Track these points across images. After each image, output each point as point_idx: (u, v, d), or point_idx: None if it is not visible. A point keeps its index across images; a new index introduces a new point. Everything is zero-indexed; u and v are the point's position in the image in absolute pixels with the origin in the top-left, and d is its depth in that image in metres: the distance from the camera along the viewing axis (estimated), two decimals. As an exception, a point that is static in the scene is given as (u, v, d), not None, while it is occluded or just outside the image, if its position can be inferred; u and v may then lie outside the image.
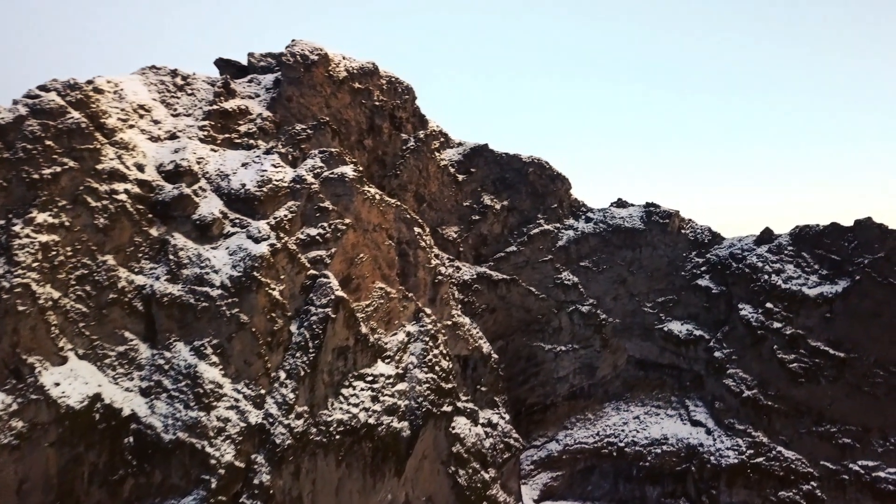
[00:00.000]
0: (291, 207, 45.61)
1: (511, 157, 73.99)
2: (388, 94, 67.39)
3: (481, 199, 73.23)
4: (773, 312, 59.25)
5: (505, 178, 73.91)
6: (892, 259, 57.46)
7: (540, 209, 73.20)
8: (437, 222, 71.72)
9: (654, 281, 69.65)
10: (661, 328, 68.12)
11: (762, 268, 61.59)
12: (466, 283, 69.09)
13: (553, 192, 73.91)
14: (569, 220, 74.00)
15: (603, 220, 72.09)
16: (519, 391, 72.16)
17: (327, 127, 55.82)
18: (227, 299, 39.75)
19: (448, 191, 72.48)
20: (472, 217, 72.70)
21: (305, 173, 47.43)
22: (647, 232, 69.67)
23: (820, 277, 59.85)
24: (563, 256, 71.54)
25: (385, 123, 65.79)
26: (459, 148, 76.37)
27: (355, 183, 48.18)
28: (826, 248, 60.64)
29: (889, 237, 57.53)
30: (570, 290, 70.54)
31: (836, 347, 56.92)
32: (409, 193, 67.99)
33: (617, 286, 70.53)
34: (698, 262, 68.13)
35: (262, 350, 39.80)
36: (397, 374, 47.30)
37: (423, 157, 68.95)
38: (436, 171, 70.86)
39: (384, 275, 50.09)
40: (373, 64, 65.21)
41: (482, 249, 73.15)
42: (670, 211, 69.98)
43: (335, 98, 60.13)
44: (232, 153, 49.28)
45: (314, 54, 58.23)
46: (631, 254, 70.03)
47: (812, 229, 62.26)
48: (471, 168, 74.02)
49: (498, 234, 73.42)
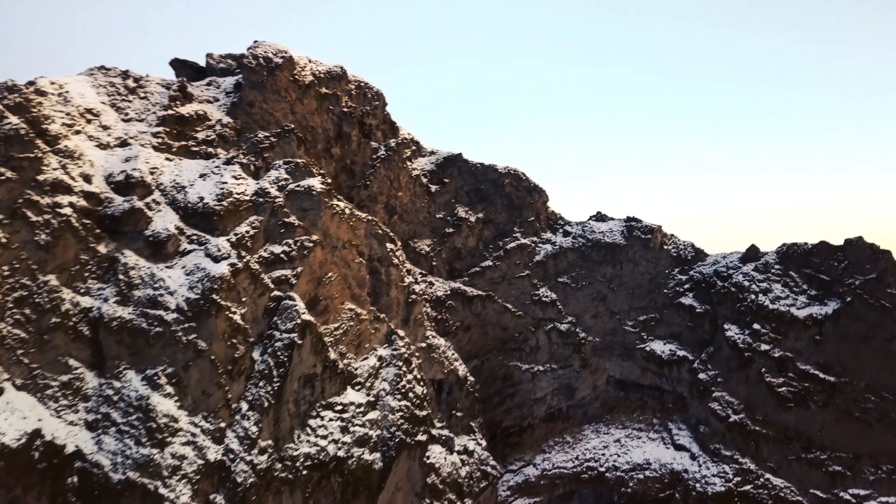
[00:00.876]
0: (254, 223, 44.25)
1: (486, 167, 73.70)
2: (357, 100, 66.49)
3: (455, 211, 72.69)
4: (760, 334, 59.84)
5: (480, 190, 73.55)
6: (884, 280, 58.28)
7: (516, 222, 72.99)
8: (409, 235, 70.94)
9: (635, 298, 69.92)
10: (643, 348, 68.36)
11: (748, 287, 62.24)
12: (440, 299, 68.39)
13: (530, 204, 73.81)
14: (546, 233, 73.95)
15: (582, 234, 72.22)
16: (494, 413, 71.60)
17: (292, 135, 54.63)
18: (184, 324, 38.11)
19: (420, 202, 71.76)
20: (446, 230, 72.09)
21: (269, 186, 46.14)
22: (628, 247, 69.98)
23: (809, 298, 60.59)
24: (540, 272, 71.35)
25: (354, 131, 64.82)
26: (432, 157, 75.80)
27: (323, 196, 47.05)
28: (815, 268, 61.42)
29: (881, 258, 58.48)
30: (548, 307, 70.33)
31: (826, 371, 57.59)
32: (380, 205, 67.06)
33: (597, 303, 70.59)
34: (681, 280, 68.60)
35: (222, 379, 38.25)
36: (368, 401, 46.13)
37: (395, 166, 68.12)
38: (407, 181, 70.10)
39: (354, 295, 48.99)
40: (341, 68, 64.26)
41: (456, 264, 72.56)
42: (652, 226, 70.47)
43: (300, 104, 58.97)
44: (189, 163, 47.67)
45: (278, 57, 57.05)
46: (611, 270, 70.20)
47: (800, 248, 62.99)
48: (444, 178, 73.45)
49: (473, 248, 72.91)
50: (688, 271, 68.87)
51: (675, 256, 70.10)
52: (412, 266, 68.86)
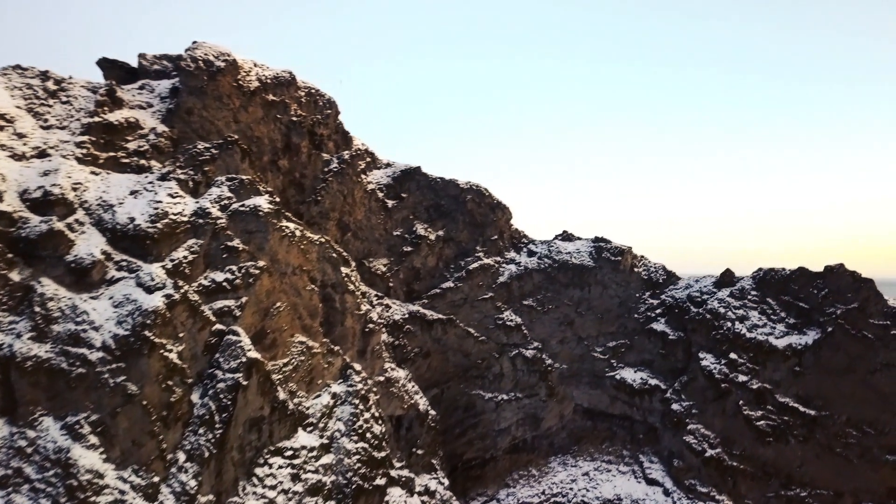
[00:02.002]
0: (192, 247, 41.67)
1: (446, 182, 72.46)
2: (308, 108, 64.43)
3: (413, 229, 71.16)
4: (737, 364, 60.04)
5: (440, 206, 72.20)
6: (866, 310, 58.94)
7: (479, 241, 71.87)
8: (364, 254, 69.10)
9: (604, 323, 69.57)
10: (613, 376, 68.04)
11: (724, 314, 62.51)
12: (397, 323, 66.73)
13: (493, 222, 72.87)
14: (510, 253, 73.07)
15: (548, 254, 71.61)
16: (455, 445, 70.16)
17: (236, 146, 52.15)
18: (111, 364, 35.28)
19: (376, 218, 69.97)
20: (404, 248, 70.50)
21: (210, 205, 43.63)
22: (597, 269, 69.66)
23: (787, 327, 61.04)
24: (504, 294, 70.34)
25: (303, 142, 62.69)
26: (388, 170, 74.16)
27: (271, 217, 44.80)
28: (793, 295, 61.90)
29: (863, 286, 59.25)
30: (513, 331, 69.33)
31: (805, 404, 57.99)
32: (332, 222, 65.07)
33: (564, 328, 69.98)
34: (653, 304, 68.61)
35: (156, 427, 35.52)
36: (322, 444, 43.92)
37: (348, 180, 66.20)
38: (362, 196, 68.26)
39: (305, 326, 46.79)
40: (289, 73, 62.15)
41: (415, 285, 70.96)
42: (622, 247, 70.45)
43: (245, 112, 56.62)
44: (118, 177, 44.73)
45: (220, 60, 54.63)
46: (579, 293, 69.70)
47: (777, 274, 63.47)
48: (401, 193, 71.88)
49: (432, 268, 71.43)
50: (659, 295, 68.91)
51: (645, 279, 70.12)
52: (367, 288, 66.97)
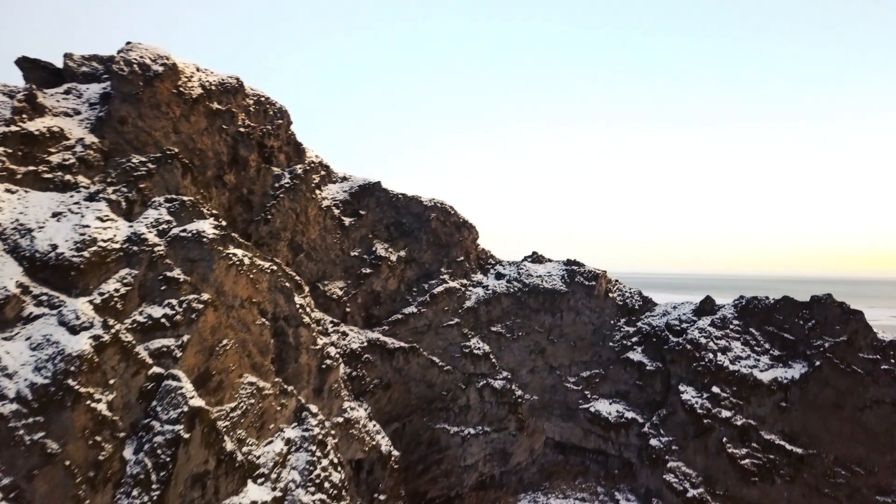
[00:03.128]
0: (125, 279, 38.15)
1: (409, 199, 70.00)
2: (257, 118, 61.21)
3: (373, 249, 68.42)
4: (720, 398, 59.04)
5: (401, 224, 69.63)
6: (855, 343, 58.74)
7: (443, 262, 69.53)
8: (318, 276, 66.10)
9: (577, 352, 68.01)
10: (587, 408, 66.46)
11: (705, 344, 61.53)
12: (355, 352, 63.93)
13: (459, 242, 70.67)
14: (477, 275, 70.95)
15: (517, 277, 69.75)
16: (418, 483, 67.47)
17: (176, 160, 48.73)
18: (27, 418, 31.63)
19: (331, 238, 67.01)
20: (362, 270, 67.69)
21: (146, 230, 40.20)
22: (570, 294, 68.10)
23: (772, 359, 60.42)
24: (471, 319, 68.12)
25: (252, 154, 59.43)
26: (345, 184, 71.31)
27: (216, 244, 41.55)
28: (777, 325, 61.35)
29: (852, 318, 59.07)
30: (481, 360, 67.12)
31: (792, 442, 57.29)
32: (283, 243, 61.93)
33: (534, 357, 68.11)
34: (628, 332, 67.38)
35: (81, 491, 31.96)
36: (275, 498, 40.73)
37: (301, 196, 63.12)
38: (316, 213, 65.25)
39: (255, 364, 43.59)
40: (236, 79, 58.90)
41: (374, 310, 68.17)
42: (596, 271, 69.11)
43: (186, 122, 53.14)
44: (38, 196, 40.94)
45: (158, 63, 51.11)
46: (550, 319, 68.00)
47: (761, 302, 62.98)
48: (359, 210, 69.13)
49: (393, 292, 68.74)
50: (635, 322, 67.73)
51: (620, 305, 68.90)
52: (322, 314, 64.01)
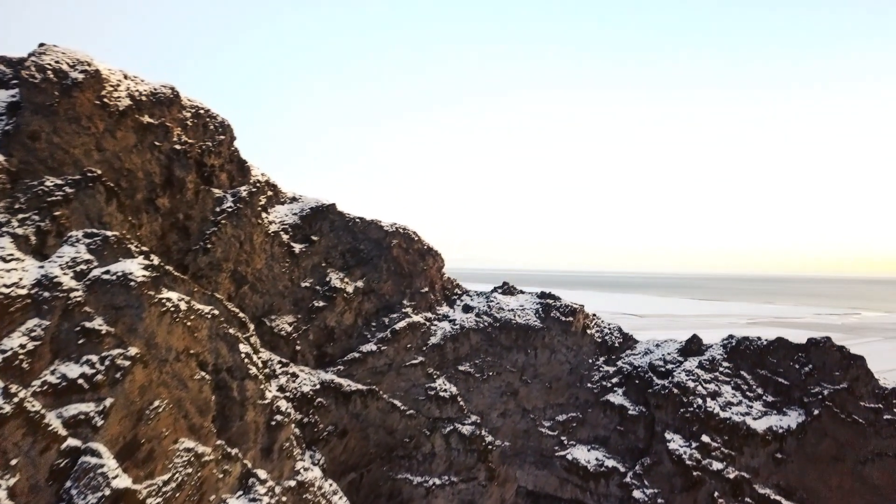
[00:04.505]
0: (34, 332, 32.89)
1: (367, 223, 65.71)
2: (195, 133, 56.27)
3: (327, 279, 63.92)
4: (710, 448, 56.47)
5: (359, 251, 65.30)
6: (855, 391, 57.21)
7: (406, 293, 65.40)
8: (265, 310, 61.31)
9: (552, 393, 64.72)
10: (563, 455, 63.12)
11: (693, 388, 58.99)
12: (306, 396, 59.44)
13: (422, 271, 66.69)
14: (442, 307, 67.02)
15: (487, 310, 66.05)
16: (375, 541, 62.69)
17: (99, 183, 43.63)
18: None
19: (280, 267, 62.21)
20: (314, 303, 63.12)
21: (61, 272, 34.98)
22: (545, 331, 64.85)
23: (765, 405, 58.51)
24: (436, 358, 64.14)
25: (189, 175, 54.40)
26: (295, 205, 66.59)
27: (147, 288, 36.50)
28: (771, 369, 59.72)
29: (852, 364, 57.75)
30: (447, 403, 63.17)
31: (788, 497, 55.33)
32: (224, 274, 56.97)
33: (506, 399, 64.52)
34: (608, 372, 64.50)
35: None
36: (213, 592, 35.60)
37: (246, 222, 58.25)
38: (263, 240, 60.41)
39: (193, 426, 38.55)
40: (171, 89, 53.86)
41: (328, 347, 63.64)
42: (574, 306, 66.03)
43: (112, 137, 47.93)
44: (-74, 231, 35.22)
45: (77, 70, 45.85)
46: (524, 357, 64.55)
47: (753, 343, 61.36)
48: (311, 235, 64.55)
49: (350, 327, 64.29)
50: (615, 361, 64.92)
51: (599, 342, 66.07)
52: (269, 353, 59.17)
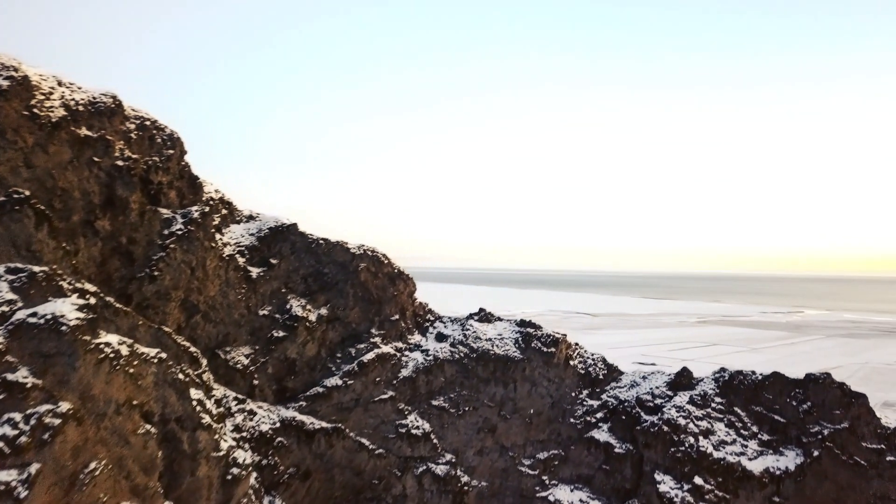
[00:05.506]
0: (-57, 389, 28.42)
1: (332, 245, 62.11)
2: (140, 147, 52.25)
3: (287, 306, 60.20)
4: (704, 491, 54.48)
5: (323, 275, 61.70)
6: (857, 431, 55.84)
7: (374, 321, 62.02)
8: (219, 341, 57.47)
9: (533, 429, 62.07)
10: (544, 496, 60.36)
11: (685, 426, 56.93)
12: (265, 436, 55.88)
13: (393, 297, 63.34)
14: (414, 336, 63.77)
15: (463, 340, 62.95)
16: (341, 593, 58.86)
17: (27, 206, 39.49)
18: None
19: (235, 294, 58.28)
20: (273, 333, 59.44)
21: (-22, 315, 30.53)
22: (525, 362, 62.20)
23: (761, 444, 57.01)
24: (408, 392, 60.91)
25: (133, 194, 50.33)
26: (252, 225, 62.68)
27: (82, 332, 32.36)
28: (766, 406, 58.38)
29: (854, 402, 56.57)
30: (420, 441, 60.01)
31: (786, 543, 53.31)
32: (174, 303, 52.88)
33: (483, 436, 61.57)
34: (592, 406, 62.13)
35: None
36: None
37: (197, 245, 54.19)
38: (217, 265, 56.43)
39: (137, 487, 34.43)
40: (113, 98, 49.84)
41: (289, 381, 59.92)
42: (556, 335, 63.39)
43: (43, 153, 43.80)
44: None
45: (1, 76, 41.69)
46: (502, 391, 61.82)
47: (746, 378, 59.95)
48: (270, 258, 60.77)
49: (312, 359, 60.65)
50: (600, 395, 62.64)
51: (582, 374, 63.75)
52: (223, 389, 55.14)
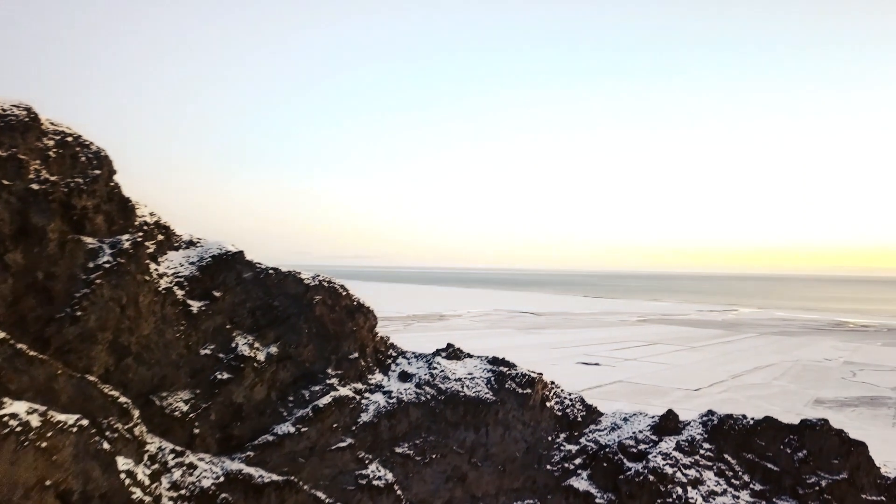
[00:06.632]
0: None
1: (283, 275, 57.30)
2: (60, 168, 47.12)
3: (232, 344, 55.44)
4: (694, 548, 51.17)
5: (272, 308, 56.96)
6: (856, 482, 53.55)
7: (331, 360, 57.50)
8: (153, 386, 52.39)
9: (506, 477, 58.41)
10: (521, 552, 56.35)
11: (672, 475, 53.78)
12: (207, 492, 51.34)
13: (351, 332, 58.83)
14: (375, 375, 59.33)
15: (429, 380, 58.77)
16: None
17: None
18: None
19: (172, 331, 53.22)
20: (217, 374, 54.60)
21: None
22: (498, 405, 58.36)
23: (753, 495, 54.45)
24: (368, 439, 56.56)
25: (52, 222, 45.17)
26: (192, 252, 57.55)
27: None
28: (758, 453, 55.76)
29: (853, 451, 54.29)
30: (382, 493, 55.82)
31: None
32: (100, 346, 47.57)
33: (452, 485, 57.68)
34: (570, 452, 58.69)
35: None
36: None
37: (129, 279, 48.96)
38: (151, 300, 51.23)
39: None
40: (27, 110, 44.88)
41: (234, 429, 54.99)
42: (531, 375, 59.67)
43: (-57, 178, 38.06)
44: None
45: None
46: (473, 436, 57.95)
47: (737, 423, 57.18)
48: (213, 290, 55.81)
49: (261, 403, 55.80)
50: (578, 438, 59.27)
51: (559, 416, 60.30)
52: (158, 441, 50.08)
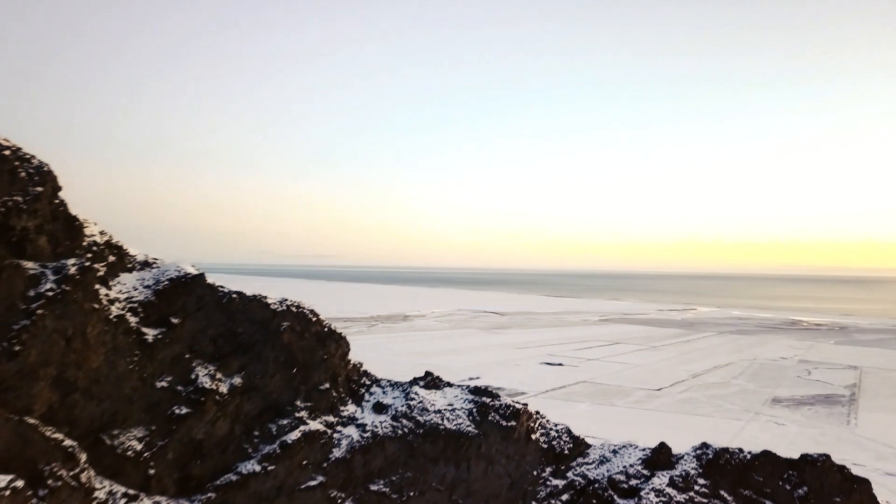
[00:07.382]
0: None
1: (248, 300, 53.65)
2: (0, 185, 42.78)
3: (192, 375, 51.73)
4: None
5: (236, 335, 53.30)
6: None
7: (300, 391, 53.92)
8: (103, 423, 48.63)
9: (490, 515, 54.95)
10: None
11: None
12: None
13: (322, 361, 55.33)
14: (348, 406, 55.91)
15: (406, 412, 55.46)
16: None
17: None
18: None
19: (125, 363, 49.42)
20: (175, 409, 50.74)
21: None
22: (481, 438, 55.19)
23: None
24: (341, 476, 53.11)
25: (-11, 246, 40.89)
26: (147, 274, 53.72)
27: None
28: (756, 489, 52.96)
29: (856, 489, 51.52)
30: (354, 536, 52.01)
31: None
32: (43, 383, 43.65)
33: (432, 525, 54.17)
34: (557, 487, 55.82)
35: None
36: None
37: (75, 308, 45.19)
38: (101, 330, 47.41)
39: None
40: (-36, 123, 40.06)
41: (194, 468, 51.25)
42: (516, 406, 56.57)
43: None
44: None
45: None
46: (454, 471, 54.77)
47: (733, 457, 54.31)
48: (171, 316, 52.01)
49: (224, 439, 52.13)
50: (565, 473, 56.36)
51: (545, 449, 57.32)
52: (109, 485, 46.53)
